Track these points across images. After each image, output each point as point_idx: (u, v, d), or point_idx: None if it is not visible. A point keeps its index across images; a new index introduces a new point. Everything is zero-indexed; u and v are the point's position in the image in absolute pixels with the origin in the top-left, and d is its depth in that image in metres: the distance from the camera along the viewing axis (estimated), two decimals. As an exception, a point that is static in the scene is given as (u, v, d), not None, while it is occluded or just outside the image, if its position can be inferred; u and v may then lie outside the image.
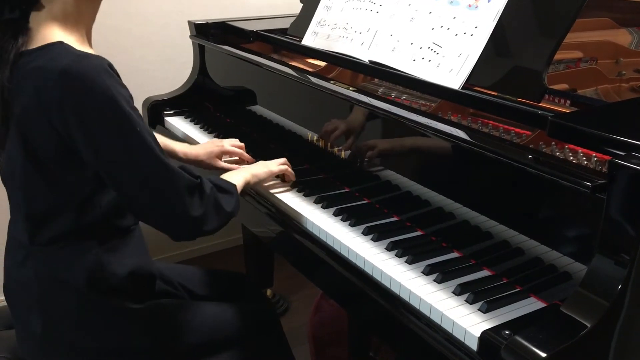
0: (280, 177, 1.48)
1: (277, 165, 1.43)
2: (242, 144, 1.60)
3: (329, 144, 1.49)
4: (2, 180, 1.20)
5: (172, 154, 1.53)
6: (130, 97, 1.07)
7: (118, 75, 1.08)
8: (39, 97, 1.03)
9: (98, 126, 1.03)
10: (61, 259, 1.14)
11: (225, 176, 1.32)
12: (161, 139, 1.53)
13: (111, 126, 1.03)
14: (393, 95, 1.47)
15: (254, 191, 1.48)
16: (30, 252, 1.15)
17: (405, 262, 1.13)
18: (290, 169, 1.46)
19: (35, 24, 1.08)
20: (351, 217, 1.29)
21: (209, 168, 1.54)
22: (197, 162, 1.54)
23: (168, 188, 1.08)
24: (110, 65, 1.05)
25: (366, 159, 1.38)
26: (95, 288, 1.16)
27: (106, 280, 1.17)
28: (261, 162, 1.44)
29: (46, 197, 1.11)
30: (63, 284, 1.15)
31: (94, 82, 1.01)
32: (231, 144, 1.58)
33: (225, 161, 1.57)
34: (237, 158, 1.58)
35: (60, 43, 1.06)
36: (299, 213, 1.34)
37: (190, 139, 1.84)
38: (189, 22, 2.05)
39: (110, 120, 1.03)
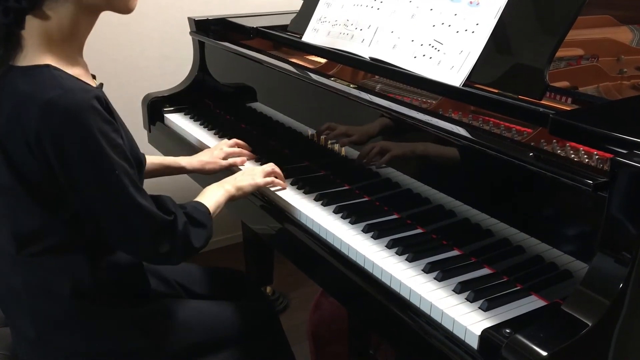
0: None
1: (263, 177, 1.41)
2: (242, 142, 1.64)
3: (329, 141, 1.48)
4: None
5: (180, 170, 1.58)
6: (115, 131, 1.05)
7: (107, 106, 1.06)
8: (20, 122, 1.01)
9: (75, 162, 1.02)
10: (49, 270, 1.13)
11: (210, 190, 1.32)
12: (167, 159, 1.59)
13: (88, 165, 1.03)
14: (393, 92, 1.47)
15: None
16: (17, 262, 1.14)
17: (406, 260, 1.13)
18: (277, 180, 1.44)
19: (28, 35, 1.04)
20: (351, 214, 1.29)
21: (214, 171, 1.56)
22: (203, 169, 1.57)
23: (139, 228, 1.09)
24: (98, 98, 1.03)
25: (367, 157, 1.38)
26: (85, 297, 1.15)
27: (96, 288, 1.16)
28: (248, 172, 1.42)
29: (35, 216, 1.09)
30: (52, 293, 1.14)
31: (75, 119, 0.99)
32: (227, 145, 1.62)
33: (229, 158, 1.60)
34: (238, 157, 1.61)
35: (47, 67, 1.02)
36: (299, 210, 1.34)
37: (190, 136, 1.84)
38: (189, 19, 2.04)
39: (88, 160, 1.02)
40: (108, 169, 1.03)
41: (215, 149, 1.61)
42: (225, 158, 1.58)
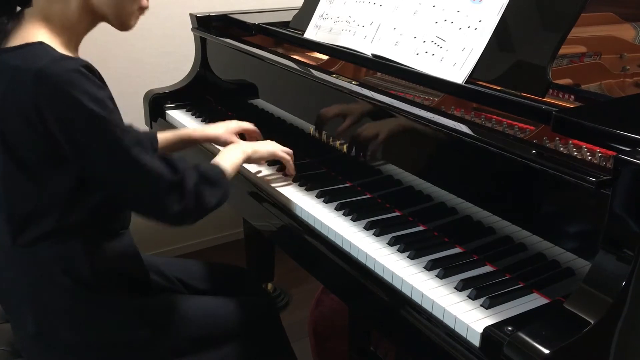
0: (280, 169, 1.48)
1: (281, 149, 1.44)
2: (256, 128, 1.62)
3: (330, 138, 1.48)
4: None
5: (193, 141, 1.56)
6: (109, 98, 1.06)
7: (99, 76, 1.07)
8: (15, 97, 1.03)
9: (74, 128, 1.03)
10: (47, 259, 1.13)
11: (227, 149, 1.35)
12: (178, 132, 1.56)
13: (86, 129, 1.03)
14: (396, 89, 1.46)
15: (256, 185, 1.47)
16: (15, 254, 1.14)
17: (408, 257, 1.13)
18: (292, 162, 1.45)
19: (28, 16, 1.08)
20: (353, 211, 1.28)
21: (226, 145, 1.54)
22: (216, 140, 1.55)
23: (145, 188, 1.10)
24: (89, 67, 1.04)
25: (368, 154, 1.38)
26: (85, 286, 1.15)
27: (95, 279, 1.16)
28: (267, 141, 1.45)
29: (30, 197, 1.10)
30: (51, 283, 1.14)
31: (68, 84, 1.00)
32: (246, 124, 1.60)
33: None
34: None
35: (40, 44, 1.05)
36: (300, 207, 1.34)
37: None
38: (191, 15, 2.04)
39: (85, 123, 1.02)
40: (107, 130, 1.04)
41: (231, 122, 1.58)
42: (238, 133, 1.57)
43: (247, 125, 1.59)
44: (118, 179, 1.09)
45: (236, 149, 1.36)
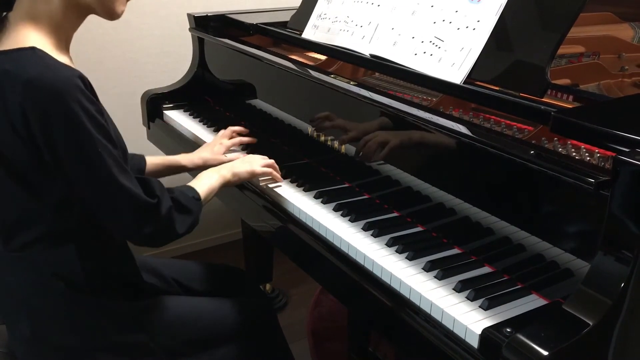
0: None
1: (261, 166, 1.42)
2: (238, 128, 1.66)
3: (329, 138, 1.48)
4: None
5: (182, 169, 1.56)
6: (99, 112, 1.05)
7: (90, 88, 1.05)
8: (4, 102, 1.01)
9: (59, 140, 1.02)
10: (40, 264, 1.13)
11: (205, 174, 1.33)
12: (167, 159, 1.57)
13: (70, 143, 1.02)
14: (394, 89, 1.46)
15: (254, 186, 1.47)
16: (8, 259, 1.14)
17: (406, 258, 1.13)
18: (275, 173, 1.45)
19: (13, 19, 1.06)
20: (351, 212, 1.28)
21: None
22: (207, 165, 1.55)
23: (121, 208, 1.09)
24: (82, 78, 1.03)
25: (367, 154, 1.37)
26: (79, 290, 1.15)
27: (89, 281, 1.16)
28: (247, 160, 1.44)
29: (19, 203, 1.09)
30: (45, 287, 1.14)
31: (58, 95, 0.99)
32: (225, 137, 1.63)
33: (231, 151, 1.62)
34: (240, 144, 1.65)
35: (32, 49, 1.03)
36: (298, 208, 1.33)
37: (189, 133, 1.84)
38: (188, 15, 2.03)
39: (70, 137, 1.02)
40: (90, 146, 1.03)
41: (214, 144, 1.61)
42: (226, 151, 1.59)
43: (232, 142, 1.61)
44: (95, 196, 1.08)
45: (214, 174, 1.34)
